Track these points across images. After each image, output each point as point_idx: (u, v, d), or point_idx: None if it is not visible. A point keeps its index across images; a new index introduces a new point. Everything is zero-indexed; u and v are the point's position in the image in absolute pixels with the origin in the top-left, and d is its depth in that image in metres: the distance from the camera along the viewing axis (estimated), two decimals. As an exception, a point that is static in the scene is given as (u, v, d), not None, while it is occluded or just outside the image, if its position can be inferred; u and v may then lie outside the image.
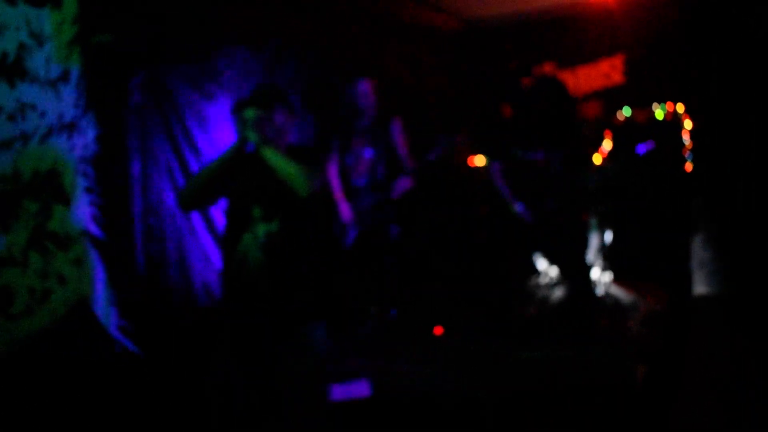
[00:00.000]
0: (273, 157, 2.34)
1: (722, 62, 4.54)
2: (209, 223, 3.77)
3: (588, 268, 3.92)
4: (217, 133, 3.74)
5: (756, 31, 4.25)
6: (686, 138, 5.07)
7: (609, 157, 5.15)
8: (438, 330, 4.17)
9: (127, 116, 3.30)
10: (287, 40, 4.16)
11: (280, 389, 2.28)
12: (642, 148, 3.63)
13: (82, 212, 3.11)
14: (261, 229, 2.36)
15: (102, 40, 3.13)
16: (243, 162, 2.41)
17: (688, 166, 5.05)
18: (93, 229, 3.12)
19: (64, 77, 3.11)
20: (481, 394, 3.05)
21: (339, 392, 2.88)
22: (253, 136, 2.35)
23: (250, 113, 2.37)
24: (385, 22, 5.15)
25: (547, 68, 4.96)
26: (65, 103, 3.12)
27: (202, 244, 3.69)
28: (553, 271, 5.04)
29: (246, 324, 2.37)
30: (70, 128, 3.12)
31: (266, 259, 2.33)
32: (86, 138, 3.16)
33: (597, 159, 5.07)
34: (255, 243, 2.35)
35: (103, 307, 3.09)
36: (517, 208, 3.65)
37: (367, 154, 3.97)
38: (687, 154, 5.08)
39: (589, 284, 3.86)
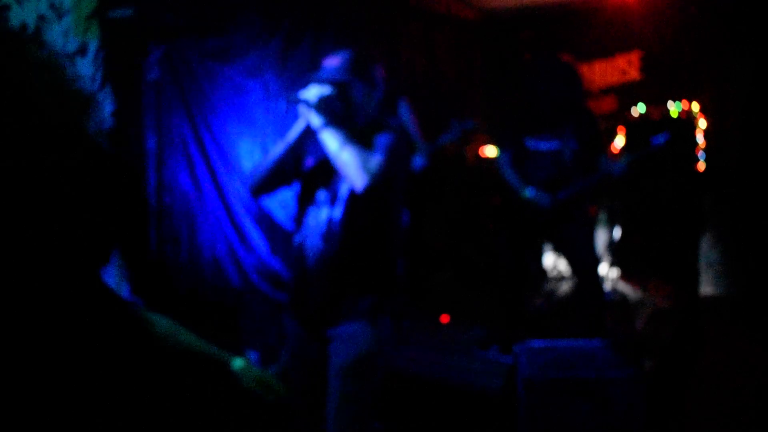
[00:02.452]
0: (330, 142, 2.04)
1: (739, 61, 4.51)
2: (224, 204, 3.78)
3: (597, 262, 3.90)
4: (237, 115, 3.73)
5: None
6: (700, 137, 5.05)
7: (621, 153, 5.13)
8: (444, 318, 4.17)
9: (144, 92, 3.29)
10: (301, 22, 4.14)
11: (322, 388, 2.09)
12: (657, 140, 3.60)
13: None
14: (323, 214, 2.12)
15: (121, 14, 3.12)
16: (309, 143, 2.18)
17: (701, 165, 5.04)
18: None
19: (82, 51, 3.09)
20: (485, 383, 3.06)
21: None
22: (314, 119, 2.07)
23: (312, 93, 2.10)
24: (402, 7, 5.13)
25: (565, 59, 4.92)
26: (83, 76, 3.11)
27: (217, 224, 3.69)
28: (562, 265, 5.05)
29: (301, 316, 2.20)
30: (86, 103, 3.11)
31: (324, 248, 2.09)
32: (103, 113, 3.15)
33: (610, 154, 5.05)
34: (316, 229, 2.12)
35: (115, 283, 3.09)
36: (529, 193, 3.63)
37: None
38: (699, 153, 5.07)
39: (597, 279, 3.85)
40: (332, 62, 2.19)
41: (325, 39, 4.25)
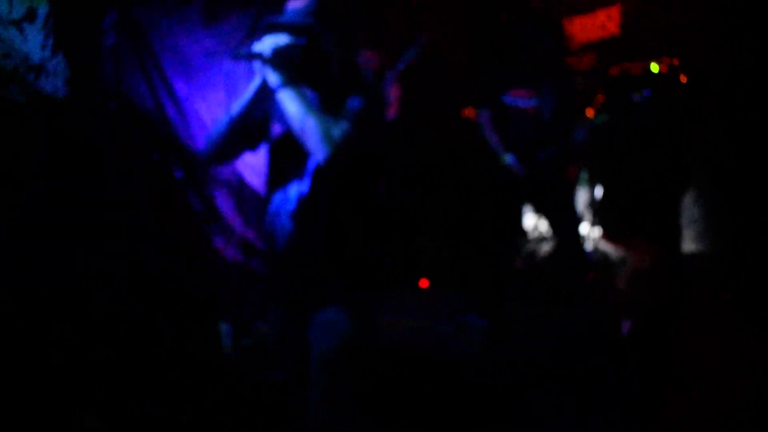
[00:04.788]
0: (289, 104, 1.77)
1: (722, 16, 4.41)
2: (189, 172, 3.66)
3: (578, 222, 3.84)
4: (201, 81, 3.59)
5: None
6: (681, 93, 4.96)
7: (601, 110, 5.04)
8: (423, 283, 4.12)
9: (100, 58, 3.14)
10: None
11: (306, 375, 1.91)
12: (635, 99, 3.51)
13: (53, 159, 2.98)
14: (292, 190, 1.89)
15: (72, -24, 2.96)
16: (273, 105, 1.88)
17: (681, 122, 4.95)
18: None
19: (30, 17, 2.94)
20: (464, 348, 3.02)
21: None
22: (270, 77, 1.80)
23: (266, 44, 1.80)
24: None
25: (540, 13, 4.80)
26: (31, 44, 2.96)
27: (184, 194, 3.58)
28: (542, 225, 4.99)
29: (279, 299, 2.01)
30: (37, 70, 2.97)
31: (293, 228, 1.86)
32: (56, 81, 3.01)
33: (589, 112, 4.96)
34: (284, 206, 1.88)
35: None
36: (508, 159, 3.55)
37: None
38: (681, 110, 4.98)
39: (578, 239, 3.80)
40: (295, 3, 1.90)
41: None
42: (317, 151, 1.74)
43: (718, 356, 2.95)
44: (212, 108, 3.71)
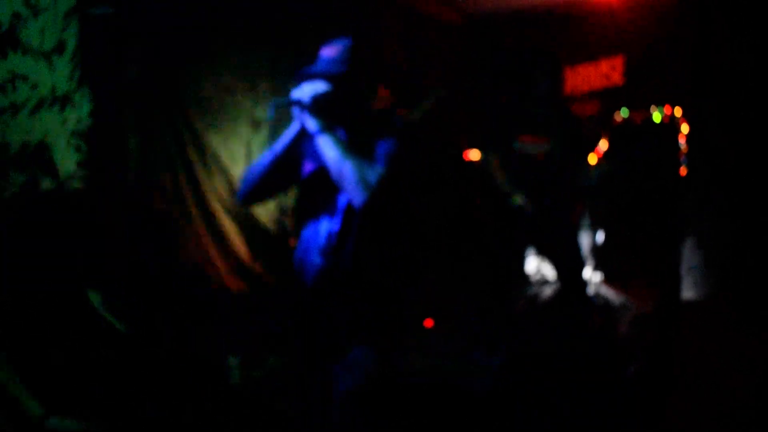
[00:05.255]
0: (327, 149, 1.82)
1: (721, 67, 4.55)
2: (203, 206, 3.73)
3: (581, 266, 3.90)
4: (220, 118, 3.68)
5: (754, 36, 4.25)
6: (682, 142, 5.07)
7: (605, 157, 5.14)
8: (428, 323, 4.14)
9: (123, 91, 3.23)
10: (288, 26, 4.06)
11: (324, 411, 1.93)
12: (636, 151, 3.61)
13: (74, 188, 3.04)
14: (323, 227, 1.91)
15: (101, 12, 3.06)
16: (307, 145, 1.93)
17: (683, 170, 5.06)
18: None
19: (59, 49, 3.04)
20: (472, 386, 3.03)
21: None
22: (310, 123, 1.85)
23: (305, 91, 1.85)
24: (386, 7, 5.08)
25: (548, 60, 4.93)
26: (59, 75, 3.04)
27: (197, 226, 3.64)
28: (546, 268, 5.04)
29: (304, 340, 2.01)
30: (63, 101, 3.05)
31: (323, 265, 1.89)
32: (80, 112, 3.09)
33: (593, 158, 5.06)
34: (315, 243, 1.91)
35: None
36: (518, 199, 3.62)
37: None
38: (682, 158, 5.09)
39: (582, 283, 3.85)
40: (329, 52, 1.96)
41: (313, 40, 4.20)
42: (354, 195, 1.79)
43: (717, 357, 2.99)
44: (230, 142, 3.79)
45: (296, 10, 4.10)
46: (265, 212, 3.98)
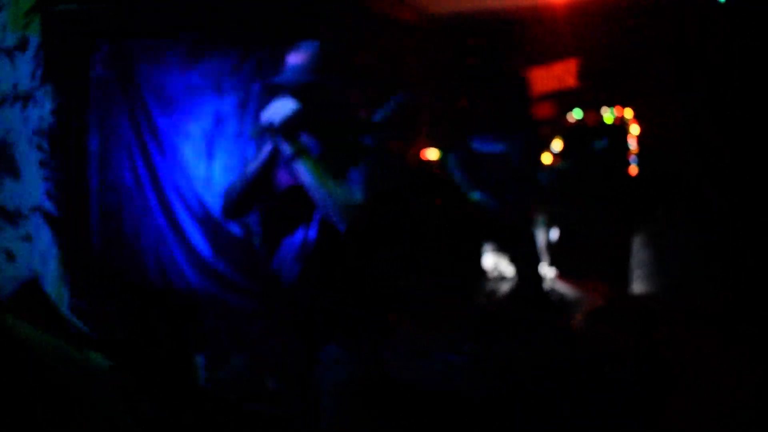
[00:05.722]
0: (304, 175, 1.85)
1: (673, 69, 4.73)
2: (164, 204, 3.71)
3: (537, 262, 4.04)
4: (182, 116, 3.66)
5: (707, 38, 4.43)
6: (632, 142, 5.27)
7: (559, 157, 5.31)
8: (391, 317, 4.21)
9: (87, 90, 3.19)
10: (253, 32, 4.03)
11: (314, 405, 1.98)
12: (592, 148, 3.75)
13: (35, 187, 3.00)
14: (298, 235, 1.96)
15: (65, 8, 3.01)
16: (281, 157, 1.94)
17: (633, 170, 5.26)
18: (47, 204, 3.01)
19: (21, 46, 2.99)
20: (428, 383, 3.10)
21: None
22: (284, 147, 1.87)
23: (275, 114, 1.86)
24: (342, 8, 5.11)
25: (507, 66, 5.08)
26: (21, 72, 3.00)
27: (159, 224, 3.62)
28: (503, 265, 5.18)
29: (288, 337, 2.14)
30: (25, 99, 3.00)
31: (300, 272, 1.94)
32: (43, 110, 3.04)
33: (547, 158, 5.22)
34: (291, 251, 1.96)
35: (56, 286, 2.99)
36: (476, 196, 3.72)
37: None
38: (632, 158, 5.30)
39: (539, 279, 3.99)
40: (295, 59, 1.94)
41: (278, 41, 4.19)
42: (337, 221, 1.83)
43: (715, 357, 3.13)
44: (191, 142, 3.78)
45: (260, 12, 4.10)
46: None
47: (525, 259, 3.95)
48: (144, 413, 2.81)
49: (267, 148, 1.93)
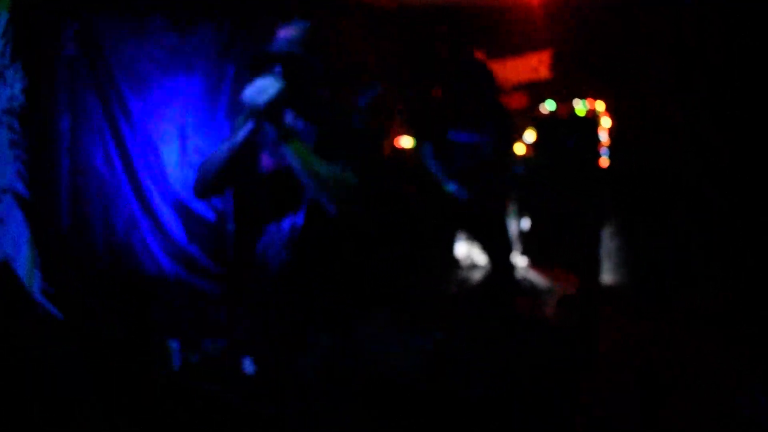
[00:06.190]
0: (292, 158, 1.80)
1: (645, 61, 4.79)
2: (136, 186, 3.66)
3: (510, 251, 4.08)
4: (154, 96, 3.60)
5: (679, 30, 4.50)
6: (603, 135, 5.35)
7: (532, 148, 5.37)
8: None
9: (57, 69, 3.13)
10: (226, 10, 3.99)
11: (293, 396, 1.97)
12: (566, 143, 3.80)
13: (6, 168, 2.93)
14: (287, 221, 1.91)
15: (35, -14, 2.95)
16: (264, 139, 1.90)
17: (603, 162, 5.34)
18: (18, 186, 2.95)
19: (-10, 23, 2.91)
20: (398, 373, 3.13)
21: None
22: (269, 130, 1.83)
23: (259, 96, 1.79)
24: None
25: (478, 56, 5.10)
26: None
27: (131, 207, 3.57)
28: (476, 253, 5.23)
29: (269, 327, 2.05)
30: (-6, 78, 2.93)
31: (287, 258, 1.90)
32: (12, 89, 2.97)
33: (520, 149, 5.27)
34: (278, 237, 1.92)
35: (27, 269, 2.93)
36: (450, 187, 3.74)
37: None
38: (602, 150, 5.37)
39: (510, 268, 4.03)
40: (286, 33, 1.92)
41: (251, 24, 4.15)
42: (327, 203, 1.80)
43: (625, 373, 3.20)
44: (163, 123, 3.73)
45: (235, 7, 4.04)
46: (198, 201, 3.94)
47: (497, 248, 3.98)
48: (116, 399, 2.78)
49: (248, 126, 1.87)
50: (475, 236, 4.44)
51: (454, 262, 5.20)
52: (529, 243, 5.46)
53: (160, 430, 2.67)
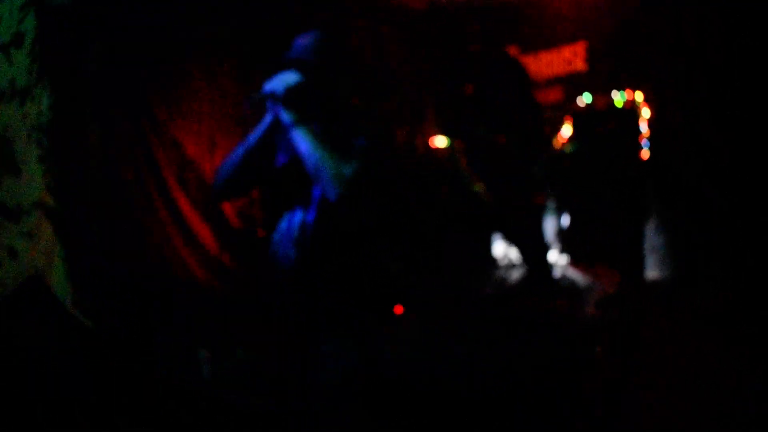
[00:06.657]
0: (301, 142, 1.81)
1: (681, 52, 4.63)
2: (167, 198, 3.70)
3: (546, 250, 3.98)
4: (185, 105, 3.64)
5: (715, 21, 4.35)
6: (643, 126, 5.18)
7: (568, 142, 5.23)
8: (398, 309, 4.18)
9: (85, 84, 3.18)
10: (251, 24, 3.99)
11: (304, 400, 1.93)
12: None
13: (36, 183, 2.99)
14: (297, 218, 1.92)
15: (59, 3, 3.00)
16: (280, 137, 1.92)
17: (644, 153, 5.17)
18: (48, 200, 3.01)
19: (17, 42, 2.97)
20: (444, 375, 3.08)
21: None
22: (283, 115, 1.84)
23: (278, 83, 1.85)
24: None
25: (511, 52, 4.99)
26: (18, 68, 2.98)
27: (161, 219, 3.61)
28: (512, 253, 5.12)
29: (279, 329, 2.02)
30: (22, 95, 2.98)
31: (297, 256, 1.89)
32: (40, 105, 3.03)
33: (557, 143, 5.14)
34: (289, 235, 1.91)
35: (60, 281, 2.99)
36: (479, 187, 3.68)
37: None
38: (643, 142, 5.20)
39: (547, 266, 3.93)
40: (303, 41, 1.97)
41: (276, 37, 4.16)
42: (329, 188, 1.79)
43: (677, 374, 3.09)
44: (193, 136, 3.76)
45: (263, 13, 4.05)
46: (231, 204, 3.97)
47: (532, 246, 3.90)
48: (147, 409, 2.80)
49: (267, 120, 1.91)
50: (508, 235, 4.36)
51: (492, 262, 5.11)
52: (569, 240, 5.32)
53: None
